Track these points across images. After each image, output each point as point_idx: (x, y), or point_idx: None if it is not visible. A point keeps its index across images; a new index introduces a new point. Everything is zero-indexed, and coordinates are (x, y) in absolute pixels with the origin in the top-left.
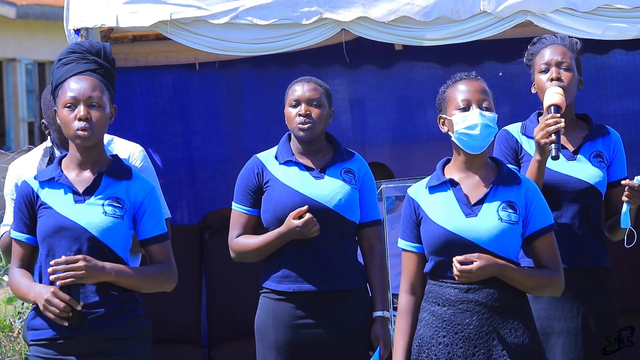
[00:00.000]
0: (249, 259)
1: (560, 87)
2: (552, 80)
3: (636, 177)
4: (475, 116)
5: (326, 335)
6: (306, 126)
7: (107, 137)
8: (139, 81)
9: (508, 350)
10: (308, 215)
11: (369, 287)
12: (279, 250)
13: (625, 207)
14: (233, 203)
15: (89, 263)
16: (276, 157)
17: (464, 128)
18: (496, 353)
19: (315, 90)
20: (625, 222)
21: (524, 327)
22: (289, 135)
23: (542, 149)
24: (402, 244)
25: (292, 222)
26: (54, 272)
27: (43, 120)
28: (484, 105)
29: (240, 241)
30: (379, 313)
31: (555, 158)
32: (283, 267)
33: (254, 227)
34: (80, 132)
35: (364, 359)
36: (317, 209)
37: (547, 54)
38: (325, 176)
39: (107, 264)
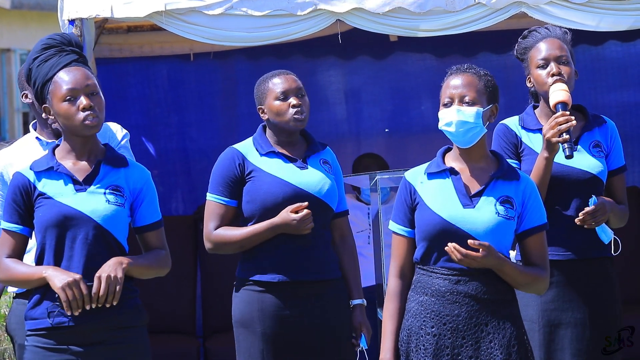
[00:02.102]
0: (228, 251)
1: (561, 81)
2: (552, 75)
3: (590, 200)
4: (451, 113)
5: (312, 324)
6: (302, 116)
7: None
8: (133, 72)
9: (496, 343)
10: (307, 211)
11: (344, 276)
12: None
13: (597, 228)
14: (209, 194)
15: (115, 273)
16: (256, 149)
17: (443, 125)
18: (484, 345)
19: (297, 81)
20: (606, 237)
21: (511, 320)
22: (264, 127)
23: (550, 147)
24: (394, 227)
25: (289, 215)
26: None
27: (26, 92)
28: (466, 99)
29: (221, 233)
30: (357, 301)
31: (569, 157)
32: (268, 258)
33: (232, 218)
34: (88, 122)
35: (347, 346)
36: (307, 199)
37: (544, 49)
38: (309, 166)
39: (122, 259)
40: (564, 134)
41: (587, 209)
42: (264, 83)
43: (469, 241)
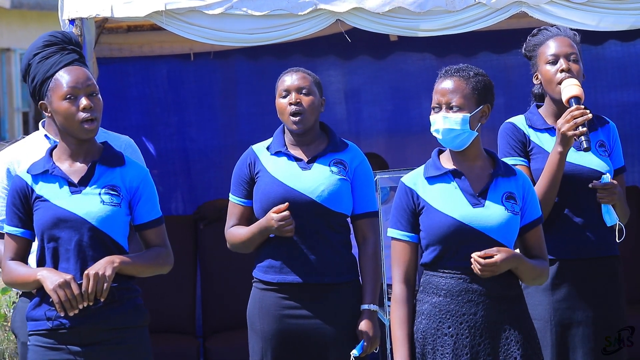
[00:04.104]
0: (240, 250)
1: (571, 77)
2: (562, 71)
3: (603, 176)
4: (439, 121)
5: (311, 326)
6: (297, 118)
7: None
8: (133, 72)
9: (512, 339)
10: (285, 213)
11: (361, 279)
12: (266, 240)
13: (603, 207)
14: (229, 194)
15: (104, 270)
16: (268, 148)
17: (433, 131)
18: (501, 342)
19: (304, 78)
20: (610, 219)
21: (523, 316)
22: (284, 126)
23: (565, 141)
24: (394, 233)
25: (270, 216)
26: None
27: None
28: (452, 104)
29: (231, 231)
30: (365, 306)
31: (587, 149)
32: (269, 257)
33: (249, 218)
34: (86, 125)
35: (342, 352)
36: (300, 201)
37: (555, 46)
38: (313, 167)
39: (114, 257)
40: (580, 127)
41: (595, 182)
42: (278, 80)
43: (473, 255)
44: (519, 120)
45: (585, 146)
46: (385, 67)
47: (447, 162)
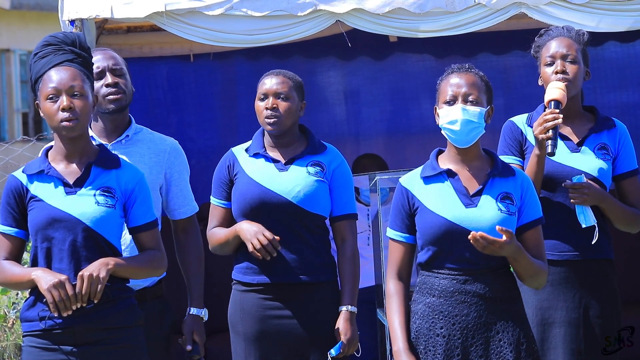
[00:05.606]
0: (219, 252)
1: (565, 79)
2: (556, 73)
3: (574, 177)
4: (456, 111)
5: (291, 326)
6: (272, 120)
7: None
8: (133, 72)
9: (505, 341)
10: (263, 239)
11: (339, 280)
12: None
13: (577, 208)
14: (211, 196)
15: (98, 272)
16: (247, 150)
17: (446, 123)
18: (493, 344)
19: (283, 83)
20: (586, 221)
21: (519, 318)
22: (264, 129)
23: (540, 144)
24: (392, 233)
25: (254, 227)
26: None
27: None
28: (470, 99)
29: (211, 232)
30: (343, 307)
31: (551, 155)
32: (247, 258)
33: (230, 219)
34: (64, 124)
35: (319, 352)
36: (276, 202)
37: (553, 47)
38: (290, 168)
39: (108, 259)
40: (550, 131)
41: (567, 182)
42: (259, 81)
43: (497, 227)
44: (519, 119)
45: (548, 151)
46: (384, 68)
47: (444, 163)
